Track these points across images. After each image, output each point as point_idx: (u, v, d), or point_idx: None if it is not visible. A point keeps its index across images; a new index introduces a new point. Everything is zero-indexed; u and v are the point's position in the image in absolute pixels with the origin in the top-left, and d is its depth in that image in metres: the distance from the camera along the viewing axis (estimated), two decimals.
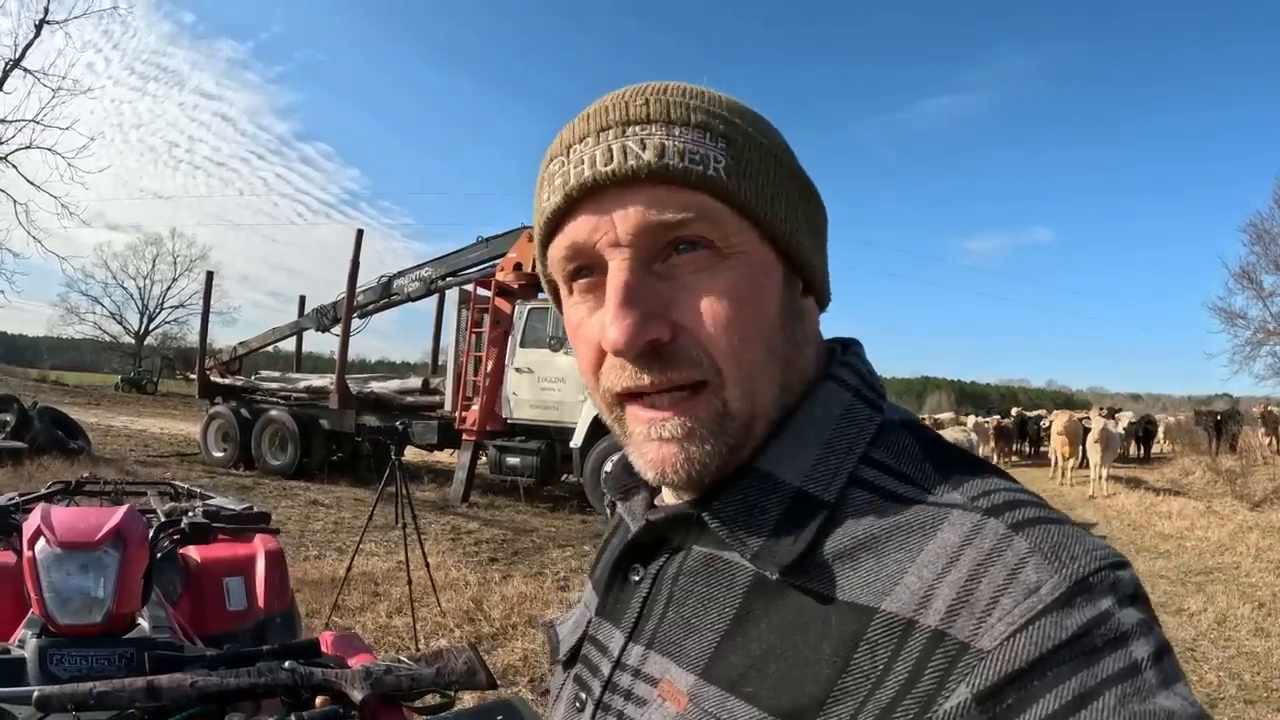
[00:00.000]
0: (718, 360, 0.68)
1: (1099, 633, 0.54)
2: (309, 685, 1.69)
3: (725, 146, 0.69)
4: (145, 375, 56.53)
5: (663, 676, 0.71)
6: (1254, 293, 26.15)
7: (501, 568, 8.85)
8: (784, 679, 0.63)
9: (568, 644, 0.89)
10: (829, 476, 0.70)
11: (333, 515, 11.51)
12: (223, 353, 19.69)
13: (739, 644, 0.67)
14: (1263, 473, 20.05)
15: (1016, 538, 0.60)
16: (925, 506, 0.65)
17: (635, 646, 0.76)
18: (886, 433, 0.73)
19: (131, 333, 66.80)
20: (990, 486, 0.66)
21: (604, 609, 0.83)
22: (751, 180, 0.70)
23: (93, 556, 1.84)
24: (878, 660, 0.59)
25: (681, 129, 0.68)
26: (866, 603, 0.61)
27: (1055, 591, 0.56)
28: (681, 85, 0.72)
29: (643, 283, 0.69)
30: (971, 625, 0.56)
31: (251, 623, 3.10)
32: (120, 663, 1.80)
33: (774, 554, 0.67)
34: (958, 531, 0.62)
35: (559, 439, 13.39)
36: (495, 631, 6.41)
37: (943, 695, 0.55)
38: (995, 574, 0.58)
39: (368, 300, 16.72)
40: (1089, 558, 0.58)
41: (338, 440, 16.35)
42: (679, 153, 0.67)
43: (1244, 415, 29.11)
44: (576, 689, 0.83)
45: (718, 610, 0.70)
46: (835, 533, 0.67)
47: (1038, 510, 0.63)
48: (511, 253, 14.44)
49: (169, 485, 3.89)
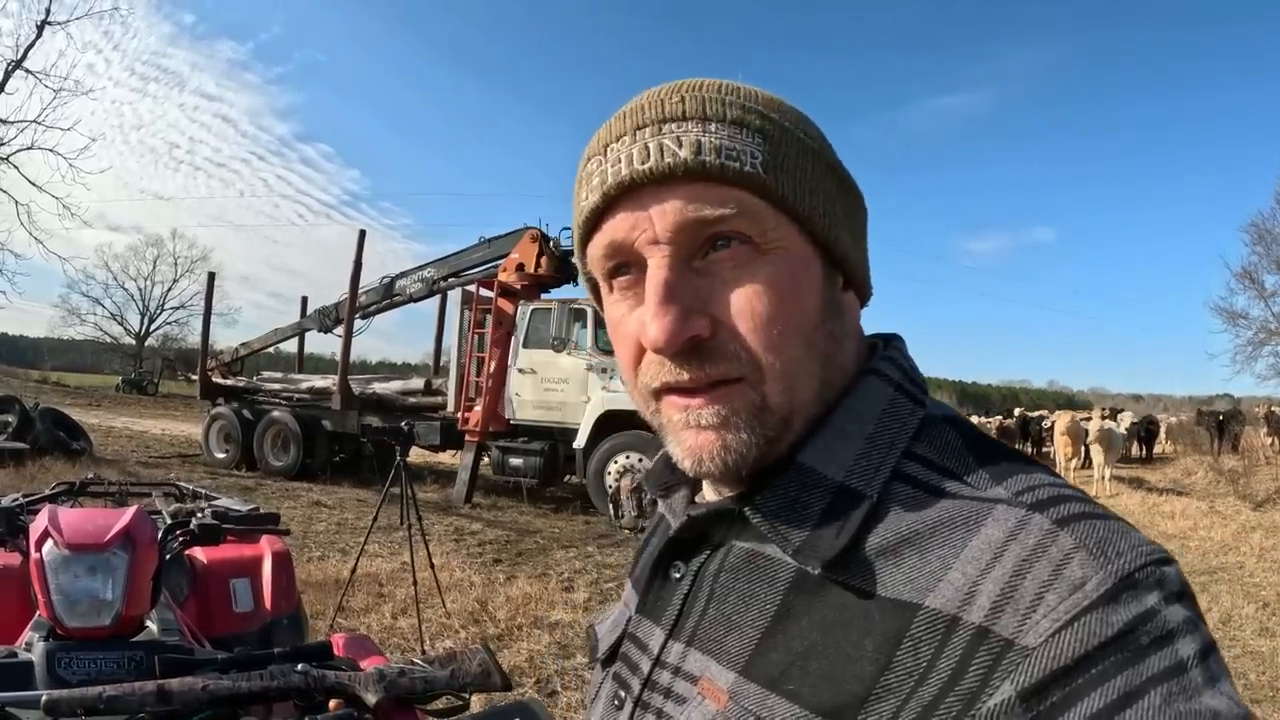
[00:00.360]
0: (757, 356, 0.68)
1: (1145, 630, 0.54)
2: (322, 688, 1.67)
3: (762, 141, 0.69)
4: (146, 376, 56.33)
5: (703, 674, 0.71)
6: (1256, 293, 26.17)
7: (505, 568, 8.83)
8: (825, 676, 0.62)
9: (607, 642, 0.89)
10: (871, 471, 0.69)
11: (335, 516, 11.49)
12: (224, 354, 19.70)
13: (780, 641, 0.67)
14: (1265, 473, 20.04)
15: (1061, 533, 0.59)
16: (969, 501, 0.64)
17: (675, 644, 0.76)
18: (929, 427, 0.72)
19: (132, 334, 66.72)
20: (1035, 481, 0.65)
21: (644, 607, 0.82)
22: (789, 175, 0.69)
23: (101, 558, 1.82)
24: (921, 657, 0.58)
25: (718, 125, 0.68)
26: (910, 599, 0.61)
27: (1101, 588, 0.55)
28: (717, 82, 0.72)
29: (682, 279, 0.69)
30: (1016, 622, 0.56)
31: (258, 624, 3.07)
32: (130, 666, 1.77)
33: (816, 549, 0.66)
34: (1002, 527, 0.61)
35: (562, 440, 13.37)
36: (501, 632, 6.39)
37: (986, 693, 0.55)
38: (1040, 570, 0.57)
39: (370, 301, 16.72)
40: (1134, 553, 0.57)
41: (340, 441, 16.32)
42: (715, 149, 0.67)
43: (1246, 415, 29.11)
44: (615, 687, 0.82)
45: (759, 607, 0.70)
46: (878, 528, 0.66)
47: (1083, 505, 0.62)
48: (514, 253, 14.45)
49: (174, 486, 3.86)
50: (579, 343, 13.31)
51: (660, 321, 0.67)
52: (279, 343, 19.94)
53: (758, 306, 0.68)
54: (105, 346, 68.65)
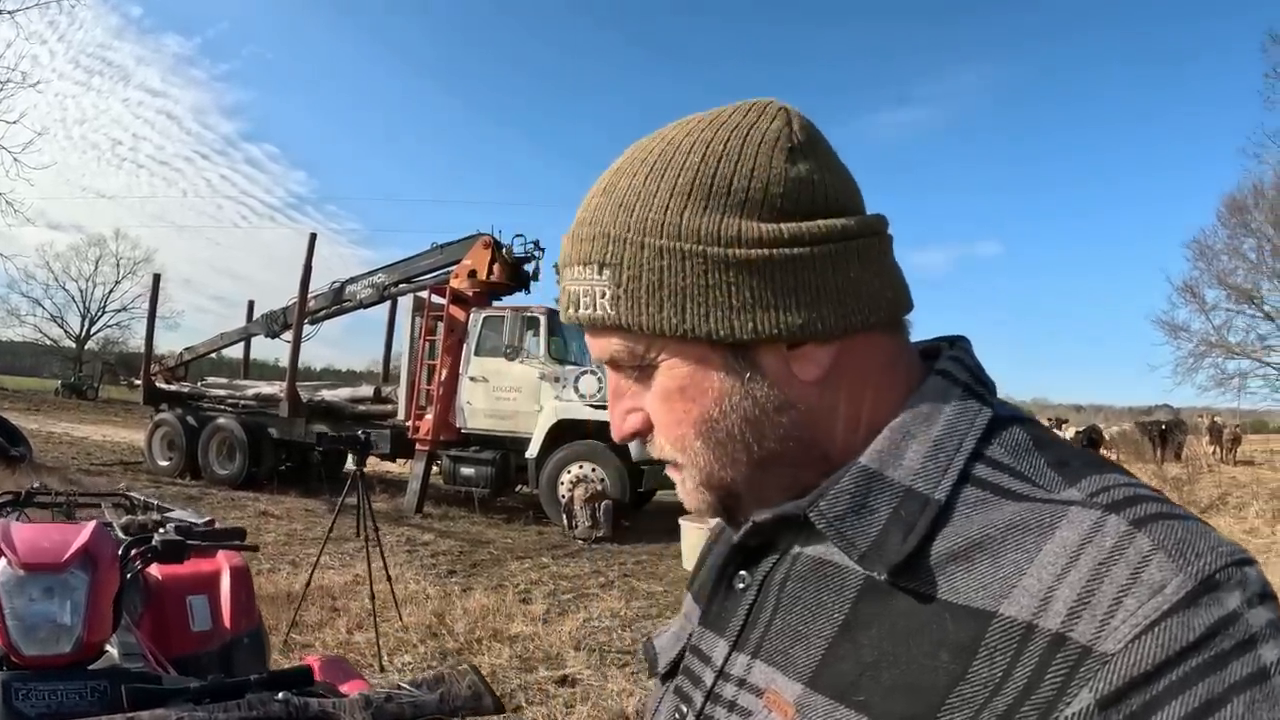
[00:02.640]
0: (675, 454, 0.75)
1: (1227, 634, 0.53)
2: (305, 717, 1.55)
3: (609, 273, 0.71)
4: (86, 380, 55.14)
5: (768, 686, 0.70)
6: (1197, 307, 26.97)
7: (461, 580, 8.71)
8: (897, 687, 0.61)
9: (667, 656, 0.88)
10: (939, 473, 0.67)
11: (284, 527, 11.24)
12: (168, 358, 19.33)
13: (849, 651, 0.65)
14: (1208, 480, 20.59)
15: (1139, 534, 0.58)
16: (1042, 504, 0.63)
17: (740, 655, 0.75)
18: (998, 428, 0.70)
19: (73, 336, 65.60)
20: (1109, 482, 0.63)
21: (707, 618, 0.82)
22: (633, 300, 0.70)
23: (59, 579, 1.67)
24: (996, 666, 0.57)
25: (580, 269, 0.73)
26: (983, 606, 0.60)
27: (1181, 590, 0.54)
28: (594, 193, 0.74)
29: (620, 384, 0.77)
30: (1094, 628, 0.55)
31: (218, 644, 2.93)
32: (93, 697, 1.62)
33: (882, 553, 0.65)
34: (1077, 530, 0.59)
35: (514, 449, 13.24)
36: (460, 646, 6.26)
37: (1064, 701, 0.54)
38: (1118, 573, 0.56)
39: (319, 306, 16.48)
40: (1214, 554, 0.56)
41: (287, 449, 16.00)
42: (574, 301, 0.73)
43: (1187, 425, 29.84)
44: (676, 701, 0.81)
45: (826, 616, 0.69)
46: (947, 532, 0.65)
47: (1160, 505, 0.61)
48: (467, 259, 14.35)
49: (125, 497, 3.70)
50: (531, 351, 13.25)
51: (611, 418, 0.79)
52: (224, 347, 19.57)
53: (659, 414, 0.75)
54: (45, 349, 67.44)
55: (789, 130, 0.71)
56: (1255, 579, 0.56)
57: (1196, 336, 27.21)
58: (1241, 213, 26.16)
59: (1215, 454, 27.57)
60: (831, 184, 0.71)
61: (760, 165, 0.69)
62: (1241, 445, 30.01)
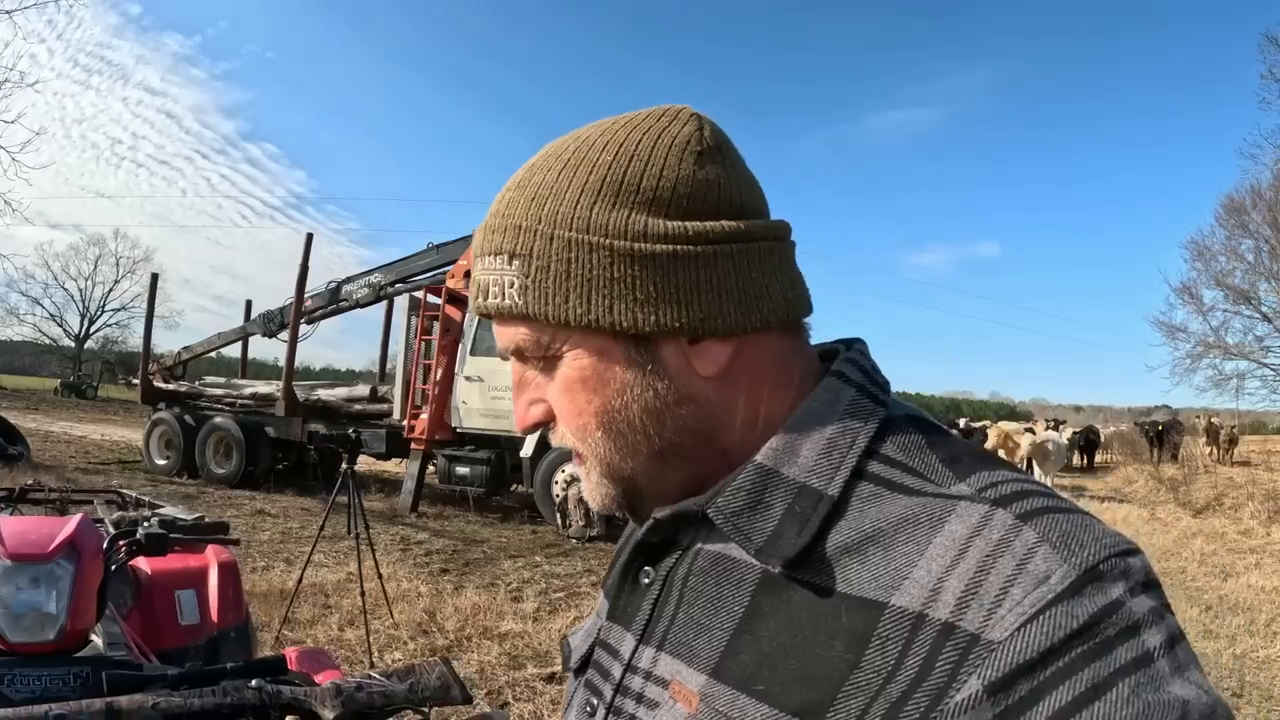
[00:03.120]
0: (577, 443, 0.77)
1: (1110, 621, 0.55)
2: (277, 704, 1.61)
3: (518, 264, 0.72)
4: (85, 380, 55.11)
5: (673, 678, 0.72)
6: (1195, 307, 26.92)
7: (453, 579, 8.74)
8: (795, 676, 0.63)
9: (579, 651, 0.90)
10: (832, 470, 0.70)
11: (279, 525, 11.28)
12: (166, 358, 19.31)
13: (749, 642, 0.67)
14: (1204, 481, 20.59)
15: (1025, 528, 0.60)
16: (932, 498, 0.65)
17: (646, 649, 0.77)
18: (892, 426, 0.73)
19: (72, 336, 65.52)
20: (998, 478, 0.66)
21: (614, 613, 0.84)
22: (540, 291, 0.72)
23: (44, 569, 1.74)
24: (889, 655, 0.59)
25: (491, 259, 0.74)
26: (876, 597, 0.62)
27: (1065, 580, 0.56)
28: (508, 187, 0.76)
29: (524, 375, 0.79)
30: (981, 617, 0.57)
31: (205, 638, 2.99)
32: (75, 683, 1.69)
33: (778, 547, 0.68)
34: (965, 523, 0.62)
35: (509, 449, 13.28)
36: (450, 643, 6.30)
37: (954, 688, 0.55)
38: (1004, 564, 0.58)
39: (316, 306, 16.47)
40: (1098, 545, 0.58)
41: (284, 448, 16.02)
42: (484, 290, 0.75)
43: (1185, 426, 29.80)
44: (587, 694, 0.83)
45: (727, 609, 0.71)
46: (841, 526, 0.67)
47: (1046, 500, 0.63)
48: (463, 260, 14.32)
49: (116, 494, 3.76)
50: None
51: (515, 408, 0.81)
52: (222, 347, 19.56)
53: (559, 404, 0.76)
54: (44, 348, 67.34)
55: (699, 135, 0.73)
56: (1139, 568, 0.58)
57: (1194, 337, 27.11)
58: (1239, 213, 26.03)
59: (1212, 454, 27.58)
60: (737, 188, 0.74)
61: (670, 166, 0.71)
62: (1238, 446, 30.01)
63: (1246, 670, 6.83)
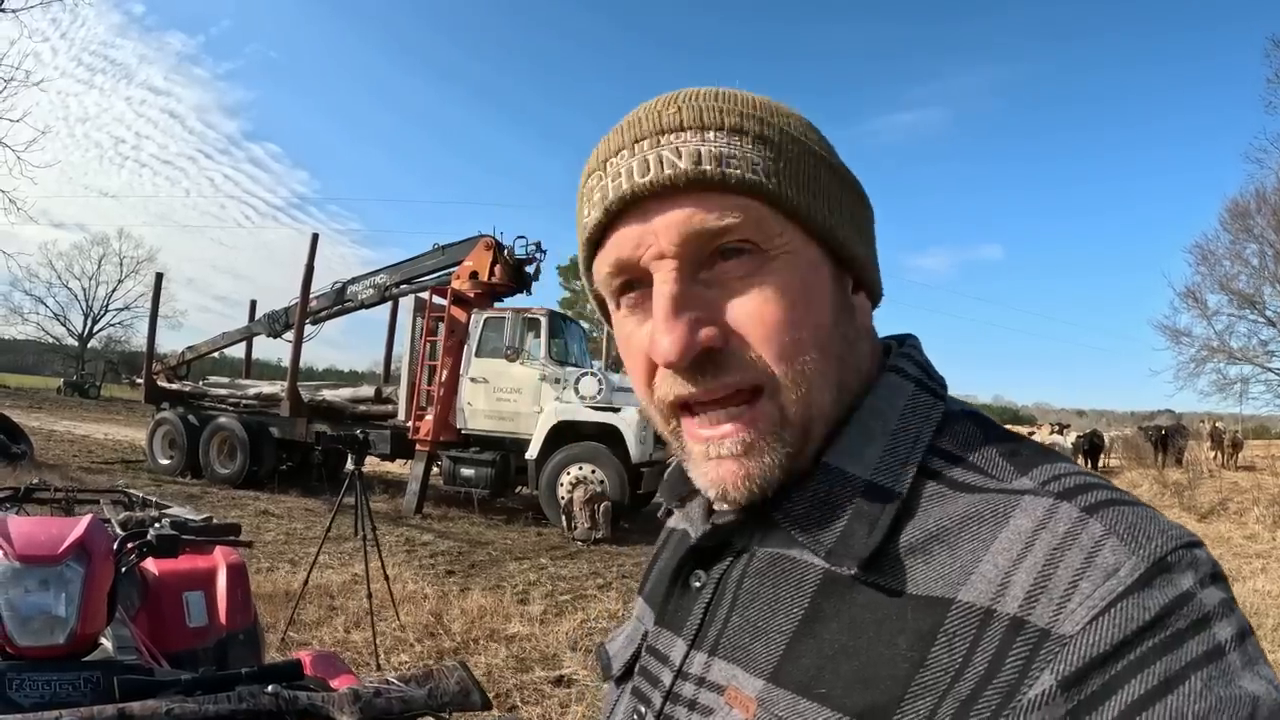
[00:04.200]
0: (771, 364, 0.68)
1: (1181, 613, 0.54)
2: (294, 710, 1.58)
3: (761, 147, 0.68)
4: (89, 379, 55.29)
5: (729, 683, 0.70)
6: (1199, 311, 26.93)
7: (459, 580, 8.71)
8: (859, 678, 0.61)
9: (621, 659, 0.88)
10: (898, 468, 0.69)
11: (284, 526, 11.24)
12: (170, 357, 19.32)
13: (810, 645, 0.65)
14: (1209, 485, 20.55)
15: (1091, 520, 0.59)
16: (995, 494, 0.64)
17: (698, 654, 0.74)
18: (952, 422, 0.72)
19: (75, 335, 65.65)
20: (1059, 471, 0.65)
21: (663, 618, 0.80)
22: (791, 179, 0.69)
23: (54, 571, 1.70)
24: (956, 652, 0.58)
25: (715, 133, 0.68)
26: (942, 594, 0.60)
27: (1135, 573, 0.55)
28: (714, 90, 0.72)
29: (689, 291, 0.68)
30: (1051, 611, 0.56)
31: (213, 640, 2.95)
32: (86, 688, 1.65)
33: (850, 549, 0.66)
34: (1031, 517, 0.61)
35: (514, 450, 13.25)
36: (456, 646, 6.26)
37: (1026, 683, 0.54)
38: (1072, 558, 0.57)
39: (321, 306, 16.48)
40: (1165, 537, 0.57)
41: (288, 449, 16.02)
42: (714, 158, 0.67)
43: (1189, 430, 29.79)
44: (634, 702, 0.80)
45: (786, 611, 0.69)
46: (908, 525, 0.66)
47: (1109, 492, 0.62)
48: (468, 261, 14.36)
49: (123, 494, 3.72)
50: (532, 352, 13.27)
51: (670, 335, 0.67)
52: (226, 347, 19.57)
53: (769, 313, 0.67)
54: (47, 347, 67.54)
55: None
56: (1205, 560, 0.57)
57: (1198, 341, 27.16)
58: (1244, 217, 26.05)
59: (1216, 459, 27.56)
60: None
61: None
62: (1243, 450, 29.98)
63: None
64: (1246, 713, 0.50)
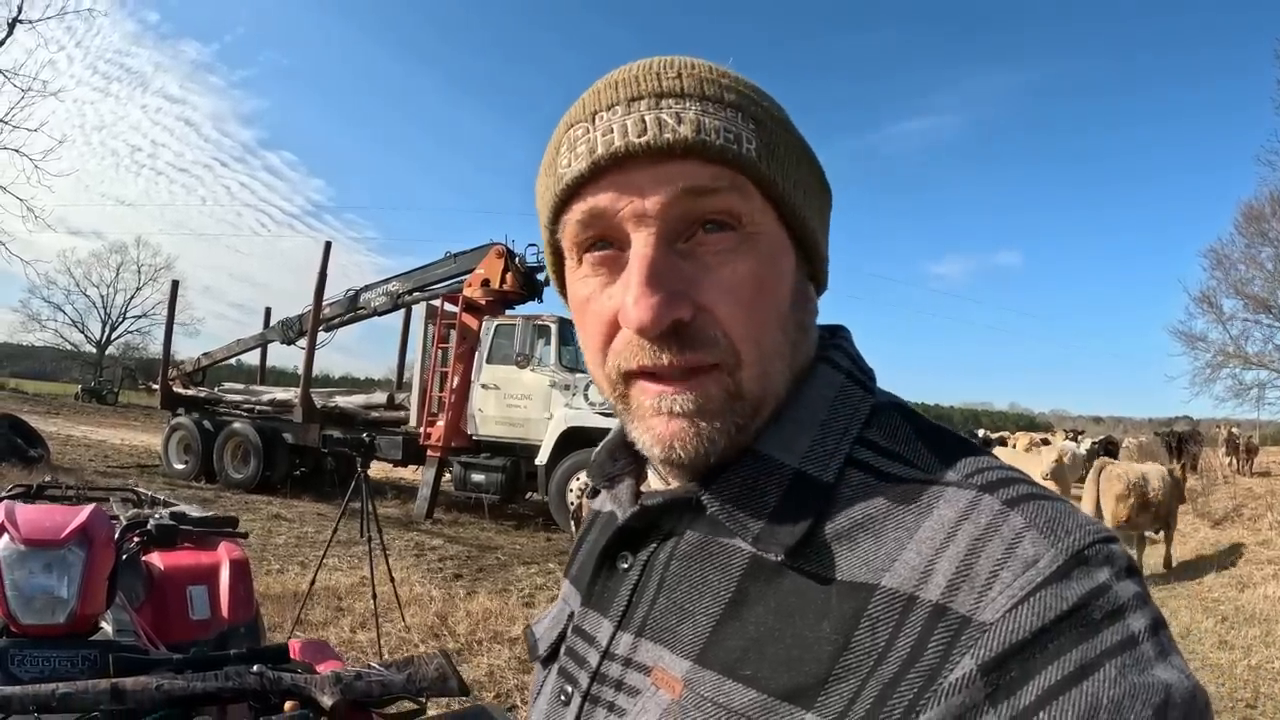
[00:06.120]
0: (736, 342, 0.68)
1: (1098, 604, 0.55)
2: (277, 690, 1.65)
3: (755, 128, 0.69)
4: (106, 385, 55.62)
5: (655, 664, 0.70)
6: (1214, 316, 26.70)
7: (466, 584, 8.79)
8: (783, 660, 0.62)
9: (547, 640, 0.88)
10: (826, 458, 0.70)
11: (295, 529, 11.36)
12: (186, 364, 19.47)
13: (735, 627, 0.66)
14: (1224, 492, 20.32)
15: (1012, 513, 0.61)
16: (920, 485, 0.66)
17: (625, 635, 0.75)
18: (879, 414, 0.73)
19: (93, 341, 65.99)
20: (982, 465, 0.67)
21: (590, 599, 0.81)
22: (779, 163, 0.70)
23: (57, 555, 1.80)
24: (879, 636, 0.59)
25: (716, 106, 0.68)
26: (866, 580, 0.62)
27: (1053, 564, 0.57)
28: (707, 63, 0.72)
29: (667, 260, 0.68)
30: (973, 599, 0.57)
31: (215, 633, 3.04)
32: (84, 665, 1.75)
33: (777, 536, 0.67)
34: (954, 508, 0.62)
35: (524, 456, 13.33)
36: (460, 647, 6.34)
37: (947, 668, 0.55)
38: (993, 548, 0.59)
39: (334, 314, 16.63)
40: (1082, 532, 0.59)
41: (301, 454, 16.15)
42: (715, 130, 0.67)
43: (1204, 436, 29.49)
44: (561, 682, 0.81)
45: (713, 594, 0.69)
46: (834, 513, 0.67)
47: (1029, 487, 0.64)
48: (479, 269, 14.42)
49: (131, 491, 3.82)
50: (542, 359, 13.33)
51: (645, 302, 0.66)
52: (241, 353, 19.75)
53: (741, 293, 0.68)
54: (65, 354, 67.86)
55: None
56: (1120, 555, 0.59)
57: (1214, 347, 26.89)
58: (1259, 221, 25.72)
59: (1231, 465, 27.28)
60: None
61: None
62: (1258, 456, 29.65)
63: (1261, 681, 6.77)
64: (1160, 699, 0.52)
